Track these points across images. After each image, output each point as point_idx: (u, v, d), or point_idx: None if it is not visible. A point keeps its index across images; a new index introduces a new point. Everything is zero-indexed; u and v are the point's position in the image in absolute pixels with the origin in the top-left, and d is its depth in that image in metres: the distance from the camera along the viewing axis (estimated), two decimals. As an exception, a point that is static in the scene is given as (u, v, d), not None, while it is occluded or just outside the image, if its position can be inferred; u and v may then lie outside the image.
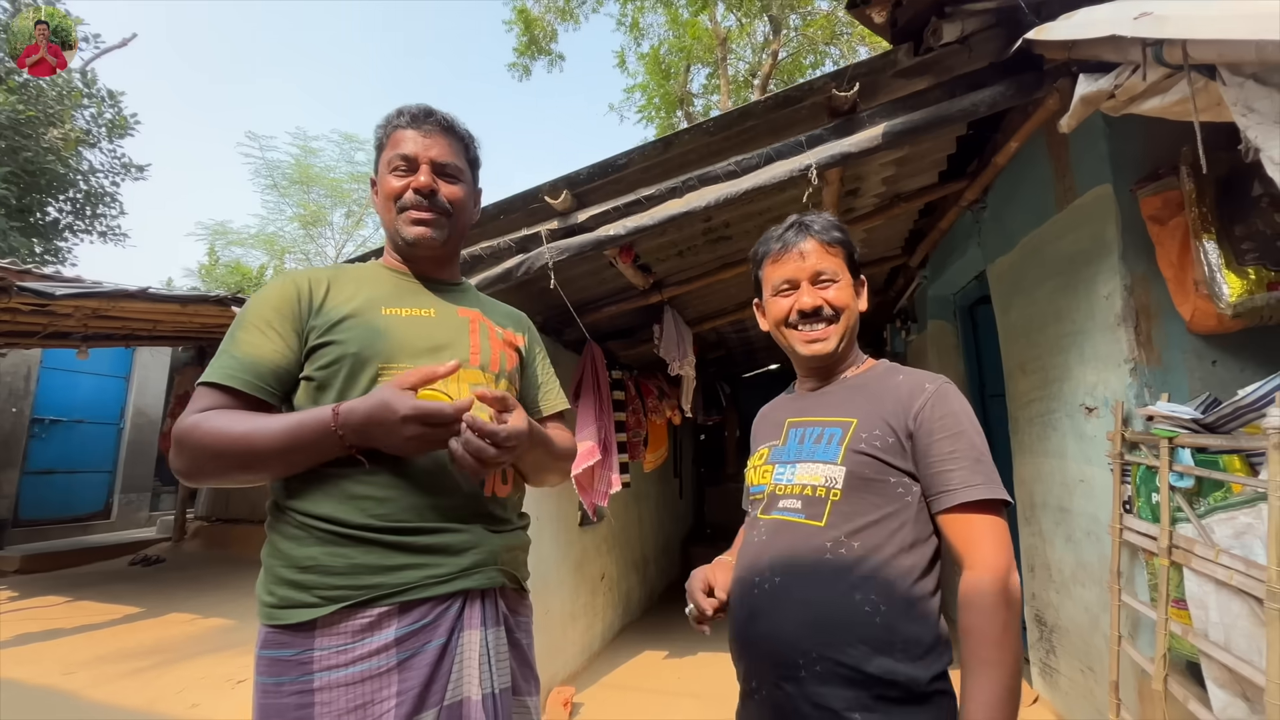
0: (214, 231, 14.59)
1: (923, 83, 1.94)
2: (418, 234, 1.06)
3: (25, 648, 3.56)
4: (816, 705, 0.87)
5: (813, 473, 0.99)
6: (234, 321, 1.00)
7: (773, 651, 0.93)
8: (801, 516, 0.98)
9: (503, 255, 2.26)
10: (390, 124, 1.09)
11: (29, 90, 8.05)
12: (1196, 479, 1.64)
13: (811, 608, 0.92)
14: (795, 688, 0.89)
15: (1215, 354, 1.91)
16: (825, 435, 1.01)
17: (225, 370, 0.93)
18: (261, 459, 0.89)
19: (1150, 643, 1.86)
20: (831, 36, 10.53)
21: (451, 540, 0.95)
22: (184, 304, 3.87)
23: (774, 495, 1.03)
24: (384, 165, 1.08)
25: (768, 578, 0.96)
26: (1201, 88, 1.14)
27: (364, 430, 0.86)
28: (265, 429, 0.88)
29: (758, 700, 0.96)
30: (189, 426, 0.90)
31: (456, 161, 1.10)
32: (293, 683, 0.86)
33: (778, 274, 1.09)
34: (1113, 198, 2.02)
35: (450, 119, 1.11)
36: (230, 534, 6.57)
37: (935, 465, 0.94)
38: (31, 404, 6.87)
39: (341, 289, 1.03)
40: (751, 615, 0.97)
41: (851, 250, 1.10)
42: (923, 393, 0.99)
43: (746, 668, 0.99)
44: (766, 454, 1.10)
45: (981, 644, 0.85)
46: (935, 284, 4.12)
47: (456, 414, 0.85)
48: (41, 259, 8.33)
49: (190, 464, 0.91)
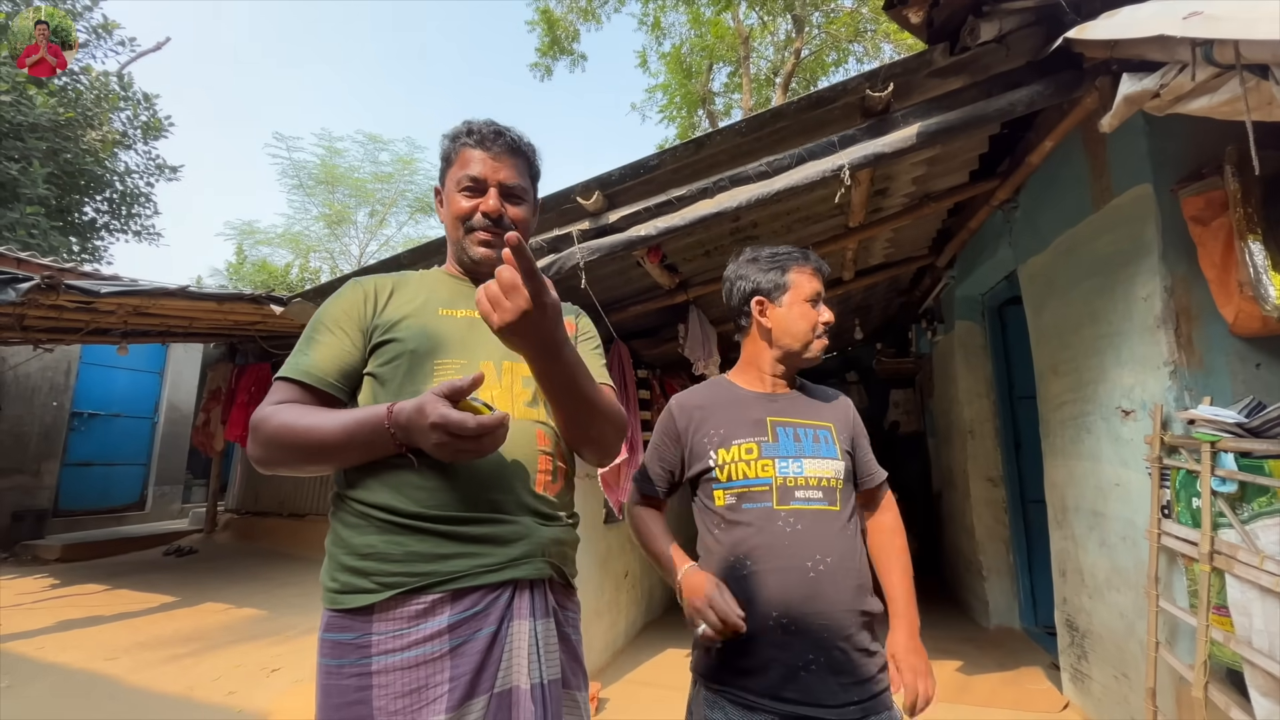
0: (242, 231, 14.93)
1: (958, 82, 1.93)
2: (484, 255, 1.11)
3: (68, 633, 3.69)
4: (860, 649, 1.14)
5: (824, 467, 1.21)
6: (309, 323, 1.08)
7: (835, 620, 1.13)
8: (825, 504, 1.19)
9: (535, 255, 2.29)
10: (459, 140, 1.12)
11: (68, 93, 8.30)
12: (1240, 484, 1.62)
13: (854, 575, 1.17)
14: (848, 644, 1.13)
15: (1260, 357, 1.87)
16: (819, 436, 1.25)
17: (298, 367, 1.01)
18: (324, 451, 0.93)
19: (1189, 649, 1.83)
20: (855, 33, 10.43)
21: (501, 531, 0.98)
22: (220, 302, 3.96)
23: (786, 487, 1.19)
24: (452, 182, 1.12)
25: (821, 559, 1.15)
26: (1253, 87, 1.13)
27: (408, 430, 0.88)
28: (326, 425, 0.93)
29: (814, 670, 1.10)
30: (263, 418, 0.95)
31: (522, 182, 1.13)
32: (352, 665, 0.90)
33: (814, 287, 1.31)
34: (1152, 197, 1.99)
35: (517, 140, 1.13)
36: (259, 526, 6.72)
37: (867, 455, 1.35)
38: (71, 398, 7.10)
39: (403, 293, 1.10)
40: (808, 597, 1.13)
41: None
42: (849, 404, 1.38)
43: (803, 645, 1.11)
44: (756, 448, 1.22)
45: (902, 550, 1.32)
46: (963, 284, 4.08)
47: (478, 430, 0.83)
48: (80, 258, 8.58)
49: (263, 452, 0.96)
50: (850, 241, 3.14)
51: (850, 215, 2.88)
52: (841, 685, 1.10)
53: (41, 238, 7.41)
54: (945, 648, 3.60)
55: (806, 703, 1.08)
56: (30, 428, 6.67)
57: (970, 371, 4.21)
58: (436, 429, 0.84)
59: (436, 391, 0.87)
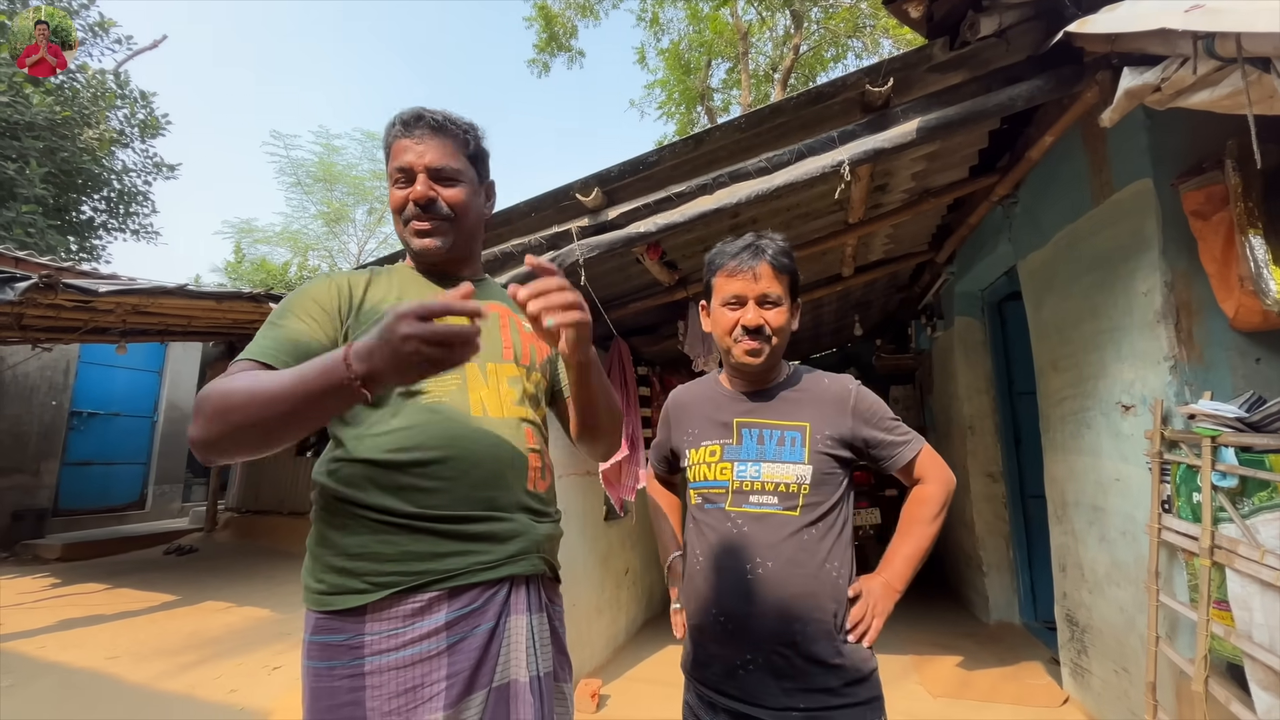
0: (240, 230, 14.88)
1: (958, 77, 1.92)
2: (422, 245, 1.07)
3: (69, 633, 3.69)
4: (808, 658, 1.10)
5: (783, 471, 1.18)
6: (275, 309, 1.01)
7: (773, 624, 1.11)
8: (779, 508, 1.16)
9: (533, 252, 2.28)
10: (389, 134, 1.08)
11: (65, 92, 8.26)
12: (1240, 479, 1.62)
13: (802, 581, 1.13)
14: (792, 650, 1.10)
15: (1260, 351, 1.87)
16: (787, 438, 1.20)
17: (259, 348, 0.92)
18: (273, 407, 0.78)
19: (1189, 644, 1.84)
20: (854, 29, 10.40)
21: (498, 528, 0.98)
22: (219, 300, 3.96)
23: (741, 491, 1.19)
24: (389, 177, 1.09)
25: (762, 562, 1.14)
26: (1255, 80, 1.12)
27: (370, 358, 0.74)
28: (276, 378, 0.80)
29: (751, 669, 1.12)
30: (204, 392, 0.84)
31: (453, 163, 1.07)
32: (344, 666, 0.89)
33: (729, 288, 1.22)
34: (1153, 192, 1.99)
35: (441, 119, 1.07)
36: (259, 525, 6.72)
37: (883, 436, 1.23)
38: (70, 397, 7.09)
39: (377, 289, 1.06)
40: (744, 597, 1.14)
41: (796, 278, 1.25)
42: (849, 393, 1.24)
43: (740, 644, 1.13)
44: (720, 451, 1.23)
45: (921, 521, 1.22)
46: (963, 280, 4.08)
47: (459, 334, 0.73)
48: (78, 257, 8.55)
49: (204, 430, 0.81)
50: (850, 237, 3.13)
51: (850, 211, 2.87)
52: (784, 690, 1.10)
53: (39, 237, 7.39)
54: (945, 643, 3.61)
55: (744, 700, 1.12)
56: (29, 427, 6.67)
57: (970, 367, 4.21)
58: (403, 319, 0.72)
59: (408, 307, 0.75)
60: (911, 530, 1.23)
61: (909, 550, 1.21)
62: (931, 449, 1.27)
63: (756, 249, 1.21)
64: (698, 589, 1.21)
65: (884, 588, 1.18)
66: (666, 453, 1.40)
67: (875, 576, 1.20)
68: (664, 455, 1.42)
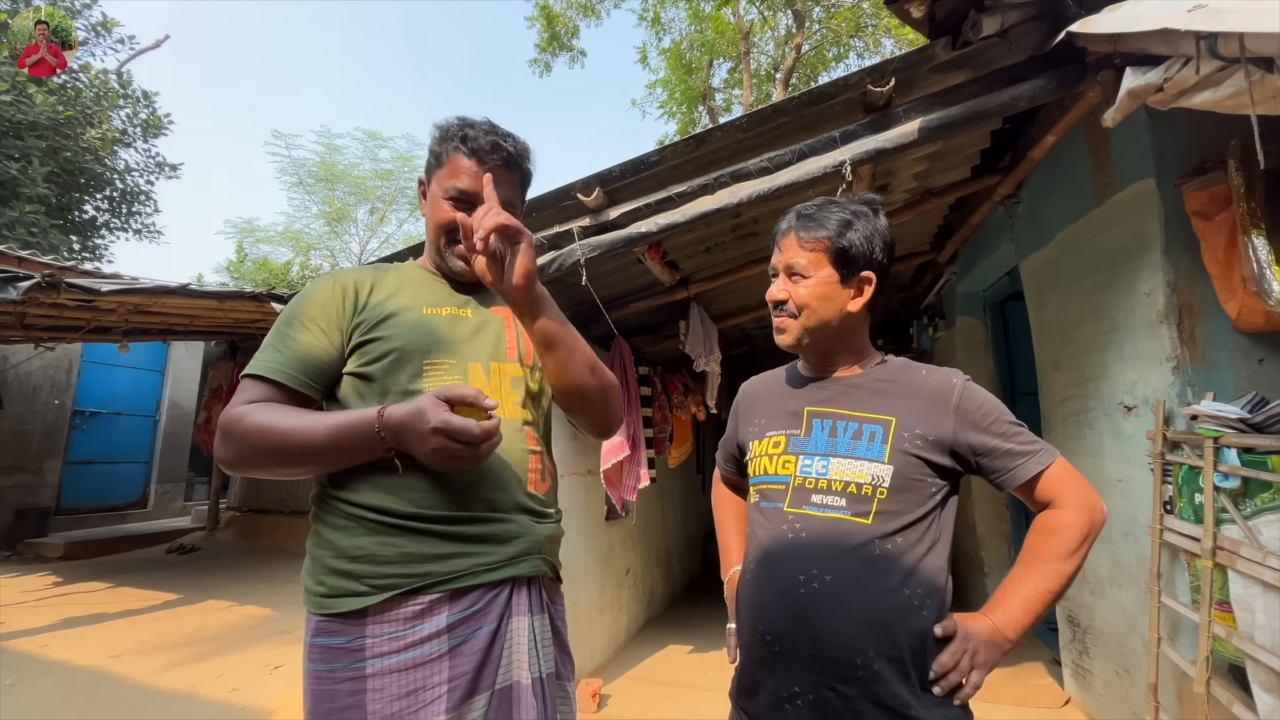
0: (242, 229, 14.90)
1: (960, 77, 1.92)
2: (463, 269, 1.08)
3: (71, 631, 3.70)
4: (877, 704, 0.89)
5: (856, 469, 0.98)
6: (279, 318, 1.02)
7: (828, 651, 0.92)
8: (847, 513, 0.97)
9: (535, 252, 2.28)
10: (452, 141, 1.06)
11: (68, 92, 8.28)
12: (1243, 480, 1.62)
13: (870, 603, 0.92)
14: (852, 688, 0.90)
15: (1262, 352, 1.86)
16: (865, 432, 1.01)
17: (270, 364, 0.95)
18: (306, 455, 0.90)
19: (1191, 645, 1.83)
20: (856, 29, 10.40)
21: (499, 529, 0.98)
22: (221, 300, 3.96)
23: (803, 489, 1.01)
24: (439, 187, 1.07)
25: (818, 575, 0.95)
26: (1258, 80, 1.12)
27: (400, 433, 0.86)
28: (310, 426, 0.89)
29: (800, 705, 0.93)
30: (235, 417, 0.91)
31: (512, 196, 1.07)
32: (345, 669, 0.88)
33: (773, 259, 1.11)
34: (1155, 192, 1.98)
35: (515, 154, 1.08)
36: (262, 524, 6.73)
37: (998, 444, 0.99)
38: (73, 396, 7.10)
39: (384, 288, 1.06)
40: (794, 615, 0.95)
41: (841, 248, 1.04)
42: (952, 387, 1.02)
43: (789, 672, 0.95)
44: (784, 442, 1.06)
45: (1049, 557, 0.95)
46: (965, 280, 4.07)
47: (482, 436, 0.85)
48: (80, 256, 8.57)
49: (234, 454, 0.92)
50: (852, 237, 3.13)
51: (851, 211, 2.87)
52: None
53: (42, 236, 7.41)
54: (947, 643, 3.60)
55: None
56: (32, 426, 6.68)
57: (972, 368, 4.19)
58: (438, 433, 0.82)
59: (437, 395, 0.86)
60: (1037, 567, 0.96)
61: (1031, 591, 0.94)
62: (1070, 466, 1.00)
63: (797, 215, 1.08)
64: (746, 601, 1.06)
65: (990, 632, 0.93)
66: (733, 448, 1.25)
67: (980, 617, 0.95)
68: (730, 452, 1.27)
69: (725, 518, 1.34)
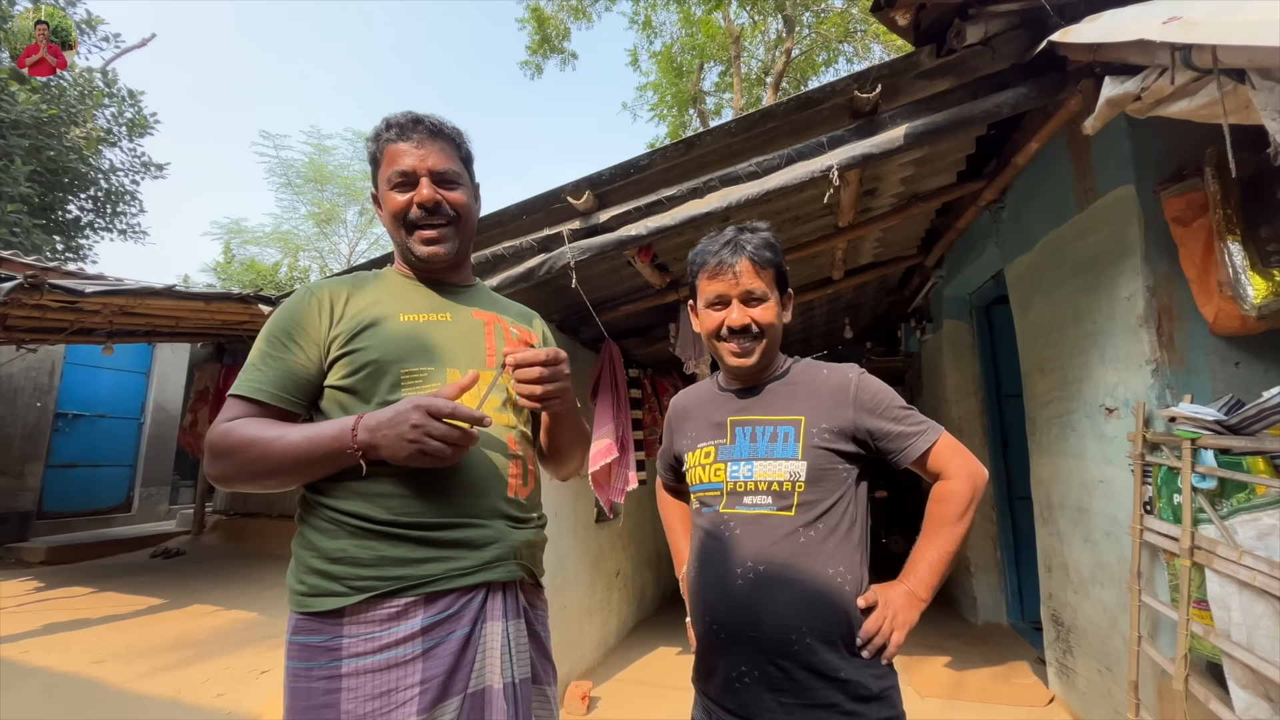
0: (229, 230, 14.76)
1: (945, 84, 1.95)
2: (430, 253, 1.08)
3: (54, 637, 3.64)
4: (811, 670, 1.02)
5: (776, 469, 1.11)
6: (261, 334, 1.04)
7: (768, 632, 1.05)
8: (773, 509, 1.10)
9: (525, 255, 2.29)
10: (381, 138, 1.08)
11: (51, 90, 8.18)
12: (1219, 480, 1.65)
13: (799, 587, 1.05)
14: (790, 661, 1.03)
15: (1239, 355, 1.91)
16: (780, 434, 1.13)
17: (252, 384, 0.99)
18: (283, 467, 0.93)
19: (1171, 643, 1.87)
20: (845, 34, 10.48)
21: (474, 535, 0.99)
22: (208, 302, 3.93)
23: (734, 492, 1.13)
24: (384, 182, 1.08)
25: (751, 568, 1.08)
26: (1230, 91, 1.15)
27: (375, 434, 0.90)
28: (289, 437, 0.93)
29: (747, 683, 1.05)
30: (219, 435, 0.95)
31: (453, 166, 1.09)
32: (321, 668, 0.90)
33: (712, 289, 1.17)
34: (1135, 199, 2.02)
35: (438, 123, 1.09)
36: (248, 528, 6.66)
37: (891, 427, 1.13)
38: (55, 399, 7.00)
39: (360, 298, 1.06)
40: (735, 605, 1.08)
41: (780, 268, 1.19)
42: (849, 381, 1.16)
43: (736, 655, 1.07)
44: (714, 452, 1.18)
45: (944, 521, 1.11)
46: (951, 284, 4.12)
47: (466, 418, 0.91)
48: (64, 257, 8.45)
49: (221, 471, 0.96)
50: (840, 241, 3.16)
51: (839, 215, 2.90)
52: (781, 705, 1.03)
53: (24, 236, 7.30)
54: (934, 643, 3.64)
55: (740, 715, 1.06)
56: (13, 429, 6.58)
57: (958, 370, 4.25)
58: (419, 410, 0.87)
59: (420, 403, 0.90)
60: (936, 532, 1.11)
61: (934, 555, 1.10)
62: (954, 439, 1.15)
63: (736, 245, 1.15)
64: (695, 596, 1.17)
65: (906, 596, 1.08)
66: (671, 460, 1.36)
67: (895, 585, 1.10)
68: (669, 463, 1.38)
69: (672, 521, 1.46)
